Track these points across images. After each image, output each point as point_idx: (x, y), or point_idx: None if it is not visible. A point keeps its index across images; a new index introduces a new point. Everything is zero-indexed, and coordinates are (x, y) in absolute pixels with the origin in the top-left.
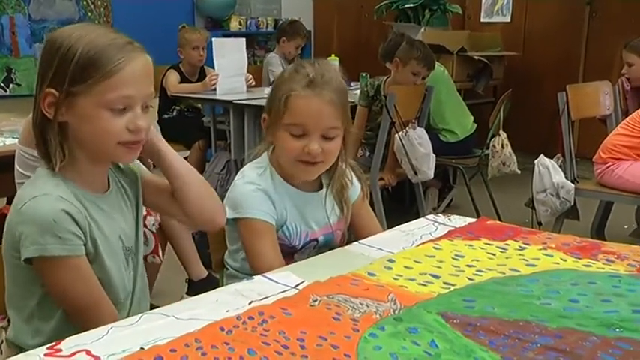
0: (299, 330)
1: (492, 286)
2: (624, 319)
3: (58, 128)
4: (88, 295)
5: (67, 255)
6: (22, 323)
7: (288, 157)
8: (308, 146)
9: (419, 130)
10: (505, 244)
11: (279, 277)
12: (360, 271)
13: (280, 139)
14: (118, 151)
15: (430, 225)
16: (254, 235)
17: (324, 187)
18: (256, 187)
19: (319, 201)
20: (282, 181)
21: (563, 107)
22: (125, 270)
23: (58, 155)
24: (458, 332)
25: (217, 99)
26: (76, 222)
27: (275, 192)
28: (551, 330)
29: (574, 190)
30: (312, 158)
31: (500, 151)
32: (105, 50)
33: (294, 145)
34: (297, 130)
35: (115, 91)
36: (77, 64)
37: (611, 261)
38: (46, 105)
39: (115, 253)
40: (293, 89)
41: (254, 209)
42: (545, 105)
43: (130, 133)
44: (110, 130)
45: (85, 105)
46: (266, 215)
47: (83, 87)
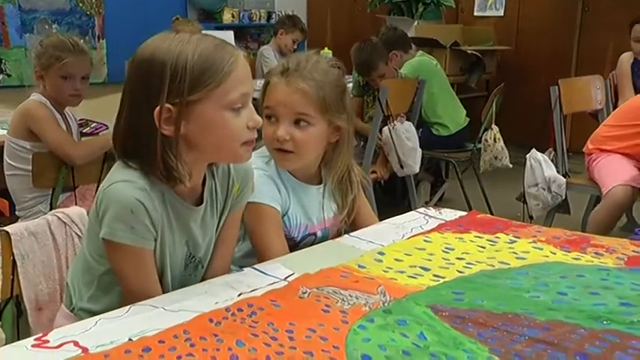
0: (288, 322)
1: (482, 279)
2: (612, 311)
3: (172, 144)
4: (142, 286)
5: (133, 245)
6: (82, 286)
7: (267, 145)
8: (277, 131)
9: (407, 124)
10: (495, 237)
11: (269, 270)
12: (350, 263)
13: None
14: (242, 152)
15: (421, 218)
16: (261, 220)
17: (324, 182)
18: (263, 173)
19: (318, 195)
20: (286, 172)
21: (555, 101)
22: (180, 275)
23: (182, 172)
24: (447, 325)
25: None
26: (151, 218)
27: (280, 181)
28: (540, 323)
29: (565, 184)
30: (281, 144)
31: (492, 144)
32: (215, 53)
33: (267, 130)
34: (269, 114)
35: (235, 90)
36: (193, 71)
37: (600, 254)
38: (162, 122)
39: (176, 258)
40: (271, 76)
41: (262, 194)
42: (537, 99)
43: (250, 131)
44: (234, 131)
45: (207, 111)
46: (273, 201)
47: (203, 93)
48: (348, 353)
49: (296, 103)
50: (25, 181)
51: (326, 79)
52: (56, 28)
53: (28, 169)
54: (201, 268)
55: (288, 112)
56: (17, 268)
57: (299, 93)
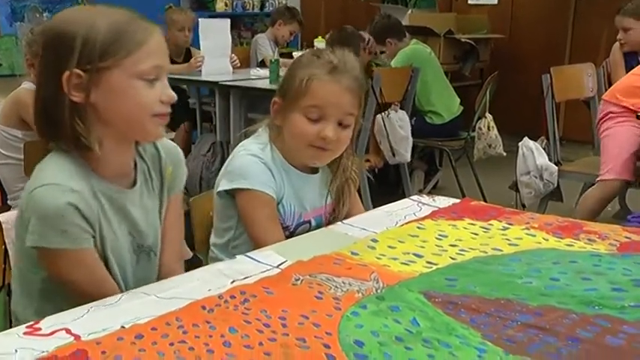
0: (281, 309)
1: (475, 266)
2: (603, 296)
3: (81, 112)
4: (92, 286)
5: (70, 248)
6: (22, 297)
7: (301, 141)
8: (324, 131)
9: (400, 113)
10: (488, 224)
11: (262, 257)
12: (343, 250)
13: (295, 122)
14: (152, 124)
15: (414, 205)
16: (257, 207)
17: (320, 170)
18: (259, 159)
19: (315, 183)
20: (282, 159)
21: (547, 89)
22: (131, 267)
23: (91, 139)
24: (439, 310)
25: (203, 80)
26: (84, 216)
27: (275, 168)
28: (532, 308)
29: (557, 172)
30: (326, 144)
31: (486, 133)
32: (129, 22)
33: (309, 128)
34: (315, 113)
35: (147, 61)
36: (105, 39)
37: (593, 240)
38: (71, 89)
39: (122, 250)
40: (315, 74)
41: (257, 180)
42: (530, 87)
43: (162, 105)
44: (145, 101)
45: (117, 78)
46: (269, 188)
47: (114, 60)
48: (341, 339)
49: (347, 103)
50: (16, 170)
51: (362, 76)
52: (47, 17)
53: (20, 158)
54: (155, 256)
55: (338, 112)
56: (9, 257)
57: (350, 92)
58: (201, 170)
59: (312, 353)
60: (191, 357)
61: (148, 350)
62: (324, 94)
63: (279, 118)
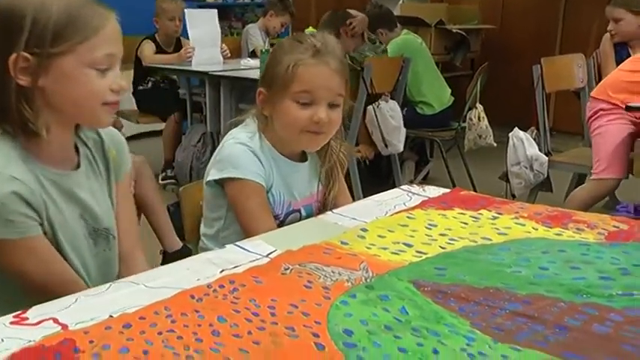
0: (270, 298)
1: (464, 255)
2: (591, 285)
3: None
4: (48, 277)
5: (17, 237)
6: None
7: (295, 127)
8: (317, 114)
9: (391, 103)
10: (478, 213)
11: (251, 246)
12: (332, 240)
13: (285, 110)
14: (101, 113)
15: (404, 195)
16: (247, 196)
17: (308, 158)
18: (247, 148)
19: (304, 171)
20: (270, 147)
21: (538, 80)
22: (90, 253)
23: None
24: (428, 299)
25: (193, 70)
26: (28, 203)
27: (264, 156)
28: (521, 297)
29: (547, 163)
30: (319, 127)
31: (476, 123)
32: (84, 5)
33: (302, 114)
34: (306, 98)
35: (101, 49)
36: (57, 23)
37: (582, 230)
38: (18, 72)
39: (76, 235)
40: (301, 59)
41: (246, 169)
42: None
43: (114, 94)
44: (97, 89)
45: (69, 65)
46: (258, 177)
47: (69, 46)
48: (330, 328)
49: (335, 84)
50: None
51: (344, 57)
52: None
53: None
54: (114, 239)
55: (327, 94)
56: None
57: (338, 74)
58: (191, 160)
59: (301, 342)
60: (179, 346)
61: (136, 339)
62: (313, 78)
63: (267, 108)
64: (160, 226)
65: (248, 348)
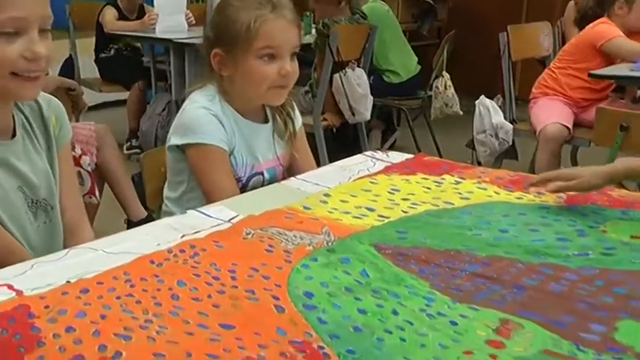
0: (230, 262)
1: (426, 218)
2: (549, 246)
3: None
4: None
5: None
6: None
7: (263, 84)
8: (284, 67)
9: (358, 71)
10: (441, 178)
11: (213, 212)
12: (295, 205)
13: (250, 68)
14: (12, 84)
15: (368, 161)
16: (209, 161)
17: (270, 119)
18: (208, 112)
19: (266, 133)
20: (231, 110)
21: (504, 48)
22: (31, 227)
23: None
24: (389, 262)
25: (157, 38)
26: None
27: (225, 119)
28: (480, 258)
29: (513, 131)
30: (286, 81)
31: (443, 92)
32: None
33: (269, 69)
34: (270, 53)
35: (3, 11)
36: None
37: (542, 193)
38: None
39: (15, 208)
40: (259, 15)
41: (208, 134)
42: (488, 47)
43: (27, 62)
44: (0, 57)
45: None
46: (220, 141)
47: None
48: (290, 291)
49: (294, 36)
50: None
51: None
52: None
53: None
54: (52, 210)
55: (291, 47)
56: None
57: (294, 24)
58: (156, 129)
59: (261, 305)
60: (138, 310)
61: (94, 304)
62: (276, 33)
63: (227, 69)
64: (124, 196)
65: (207, 311)
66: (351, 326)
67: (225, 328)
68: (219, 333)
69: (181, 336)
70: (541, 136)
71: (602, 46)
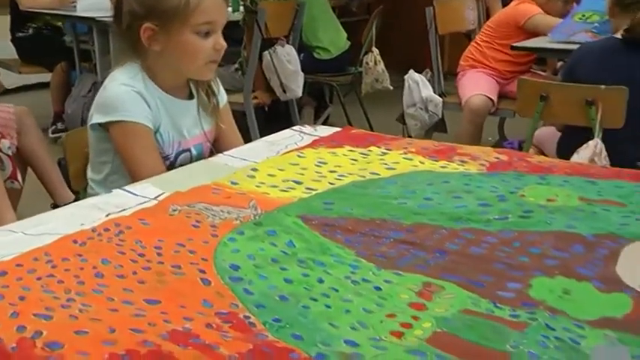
0: (156, 238)
1: (352, 189)
2: (471, 212)
3: None
4: None
5: None
6: None
7: (200, 59)
8: (219, 42)
9: (288, 48)
10: (368, 150)
11: (139, 190)
12: (222, 180)
13: (188, 42)
14: None
15: (296, 135)
16: (133, 139)
17: (195, 95)
18: (131, 89)
19: (192, 109)
20: (155, 87)
21: (430, 22)
22: None
23: None
24: (315, 232)
25: (78, 16)
26: None
27: (149, 96)
28: (405, 226)
29: (442, 104)
30: (219, 55)
31: (373, 67)
32: None
33: (205, 45)
34: (206, 28)
35: None
36: None
37: (465, 162)
38: None
39: None
40: None
41: (131, 111)
42: (416, 22)
43: None
44: None
45: None
46: (144, 119)
47: None
48: (216, 264)
49: (226, 11)
50: None
51: None
52: None
53: None
54: None
55: (222, 21)
56: None
57: (226, 1)
58: (82, 112)
59: (187, 278)
60: (59, 290)
61: (12, 286)
62: (213, 8)
63: (158, 44)
64: (49, 180)
65: (132, 287)
66: (276, 296)
67: (151, 303)
68: (144, 308)
69: (105, 313)
70: (466, 108)
71: (525, 24)
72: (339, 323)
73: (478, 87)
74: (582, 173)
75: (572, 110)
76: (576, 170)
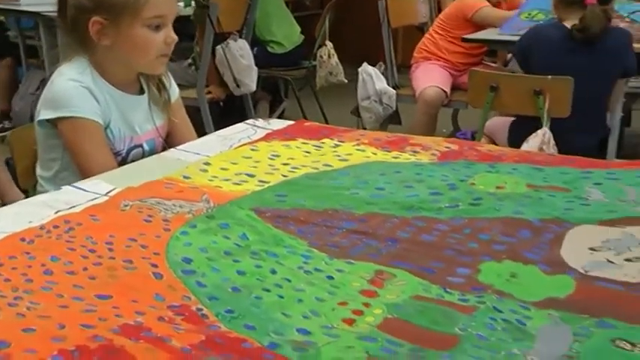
0: (107, 234)
1: (305, 181)
2: (422, 200)
3: None
4: None
5: None
6: None
7: (151, 53)
8: (170, 36)
9: (240, 42)
10: (321, 142)
11: (89, 186)
12: (174, 175)
13: (139, 36)
14: None
15: (249, 129)
16: (83, 136)
17: (145, 90)
18: (79, 84)
19: (143, 104)
20: (104, 82)
21: (383, 15)
22: None
23: None
24: (268, 225)
25: (22, 10)
26: None
27: (98, 92)
28: (357, 216)
29: (396, 96)
30: (170, 49)
31: (327, 61)
32: None
33: (156, 38)
34: (157, 22)
35: None
36: None
37: (417, 152)
38: None
39: None
40: None
41: (79, 107)
42: (369, 15)
43: None
44: None
45: None
46: (94, 114)
47: None
48: (169, 258)
49: (176, 4)
50: None
51: None
52: None
53: None
54: None
55: (173, 15)
56: None
57: None
58: (30, 109)
59: (139, 273)
60: (6, 288)
61: None
62: (164, 1)
63: (108, 38)
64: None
65: (83, 284)
66: (229, 287)
67: (102, 298)
68: (95, 304)
69: (54, 310)
70: (420, 99)
71: (472, 17)
72: (292, 312)
73: (431, 79)
74: (530, 161)
75: (521, 100)
76: (524, 158)
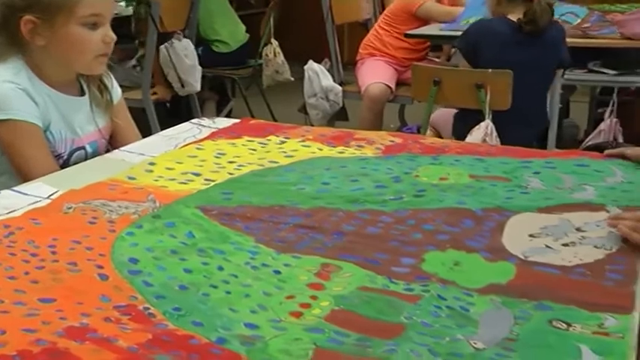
0: (50, 237)
1: (251, 178)
2: (367, 194)
3: None
4: None
5: None
6: None
7: (88, 53)
8: (108, 35)
9: (184, 42)
10: (266, 139)
11: (30, 189)
12: (118, 176)
13: (75, 35)
14: None
15: (194, 128)
16: (21, 138)
17: (86, 91)
18: (15, 86)
19: (85, 105)
20: (42, 84)
21: (327, 13)
22: None
23: None
24: (215, 222)
25: None
26: None
27: (36, 93)
28: (303, 210)
29: (342, 93)
30: (109, 48)
31: (272, 59)
32: None
33: (93, 37)
34: (93, 20)
35: None
36: None
37: (362, 146)
38: None
39: None
40: None
41: (17, 109)
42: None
43: None
44: None
45: None
46: (32, 117)
47: None
48: (114, 259)
49: (114, 4)
50: None
51: None
52: None
53: None
54: None
55: (110, 13)
56: None
57: None
58: None
59: (83, 275)
60: None
61: None
62: (100, 0)
63: (42, 38)
64: None
65: (25, 288)
66: (176, 285)
67: (45, 302)
68: (38, 308)
69: None
70: (365, 96)
71: (417, 12)
72: (239, 308)
73: (376, 75)
74: (472, 152)
75: (464, 94)
76: (467, 149)
